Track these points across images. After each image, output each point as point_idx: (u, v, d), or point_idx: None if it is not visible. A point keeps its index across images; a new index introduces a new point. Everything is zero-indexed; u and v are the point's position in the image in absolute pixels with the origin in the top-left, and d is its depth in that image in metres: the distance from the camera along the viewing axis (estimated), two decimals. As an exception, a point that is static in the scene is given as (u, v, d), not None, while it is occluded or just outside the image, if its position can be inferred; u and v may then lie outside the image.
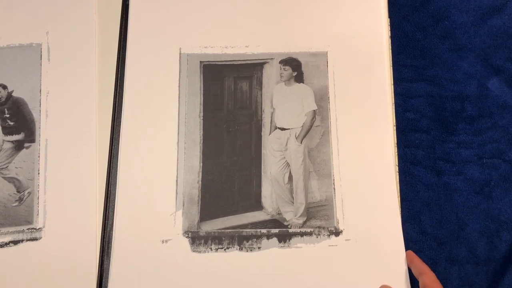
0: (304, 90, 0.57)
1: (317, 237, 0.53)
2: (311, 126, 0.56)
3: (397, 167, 0.56)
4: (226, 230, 0.54)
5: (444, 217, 0.56)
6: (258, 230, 0.54)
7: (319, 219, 0.54)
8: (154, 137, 0.56)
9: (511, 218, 0.56)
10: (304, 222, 0.54)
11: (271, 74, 0.58)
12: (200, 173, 0.55)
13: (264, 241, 0.53)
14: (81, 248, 0.53)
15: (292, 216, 0.55)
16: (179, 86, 0.57)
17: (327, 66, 0.58)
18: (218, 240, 0.53)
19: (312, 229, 0.54)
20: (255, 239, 0.53)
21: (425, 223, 0.56)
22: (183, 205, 0.54)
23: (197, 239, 0.53)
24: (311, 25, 0.59)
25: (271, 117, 0.57)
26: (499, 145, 0.58)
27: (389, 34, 0.60)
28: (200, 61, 0.58)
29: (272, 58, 0.58)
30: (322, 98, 0.57)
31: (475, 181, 0.57)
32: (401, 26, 0.63)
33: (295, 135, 0.56)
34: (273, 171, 0.56)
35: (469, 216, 0.56)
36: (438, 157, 0.58)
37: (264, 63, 0.58)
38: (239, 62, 0.58)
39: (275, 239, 0.54)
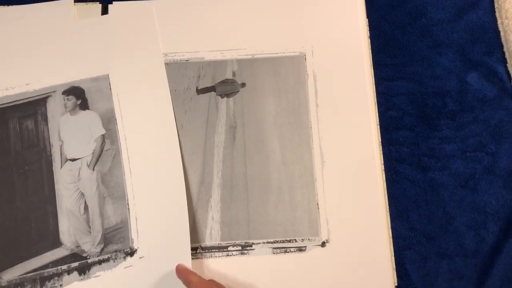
0: (90, 117, 0.57)
1: (114, 262, 0.53)
2: (101, 151, 0.56)
3: (383, 166, 0.57)
4: (27, 275, 0.52)
5: (432, 212, 0.57)
6: (59, 267, 0.53)
7: (115, 243, 0.54)
8: None
9: (496, 209, 0.57)
10: (102, 249, 0.54)
11: (55, 107, 0.57)
12: None
13: (65, 277, 0.53)
14: None
15: (90, 246, 0.54)
16: None
17: (110, 88, 0.57)
18: (21, 286, 0.52)
19: (109, 255, 0.53)
20: (56, 278, 0.53)
21: (413, 219, 0.57)
22: None
23: None
24: (91, 47, 0.59)
25: (61, 150, 0.56)
26: (481, 138, 0.59)
27: (368, 34, 0.61)
28: None
29: (54, 91, 0.57)
30: (109, 121, 0.57)
31: (460, 175, 0.58)
32: (379, 25, 0.63)
33: (87, 163, 0.56)
34: (68, 205, 0.55)
35: (456, 210, 0.57)
36: (423, 153, 0.59)
37: (47, 97, 0.57)
38: (21, 102, 0.57)
39: (75, 273, 0.53)
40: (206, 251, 0.54)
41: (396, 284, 0.54)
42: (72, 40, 0.59)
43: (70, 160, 0.56)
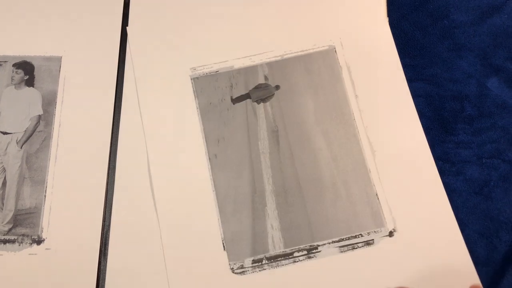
0: (32, 95, 0.57)
1: (19, 245, 0.52)
2: (33, 131, 0.56)
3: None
4: None
5: (444, 218, 0.56)
6: None
7: (24, 227, 0.53)
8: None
9: (510, 218, 0.56)
10: (10, 229, 0.53)
11: (3, 77, 0.58)
12: None
13: None
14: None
15: None
16: None
17: (60, 71, 0.58)
18: None
19: (16, 237, 0.52)
20: None
21: (424, 223, 0.56)
22: None
23: None
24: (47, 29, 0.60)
25: None
26: (498, 145, 0.58)
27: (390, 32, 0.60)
28: None
29: (5, 61, 0.58)
30: (49, 103, 0.57)
31: (475, 181, 0.57)
32: (400, 25, 0.62)
33: (17, 140, 0.55)
34: None
35: (469, 216, 0.56)
36: (437, 157, 0.57)
37: None
38: None
39: None
40: (272, 261, 0.52)
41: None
42: (35, 16, 0.60)
43: (2, 132, 0.56)
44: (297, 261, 0.52)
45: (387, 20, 0.60)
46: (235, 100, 0.57)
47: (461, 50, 0.61)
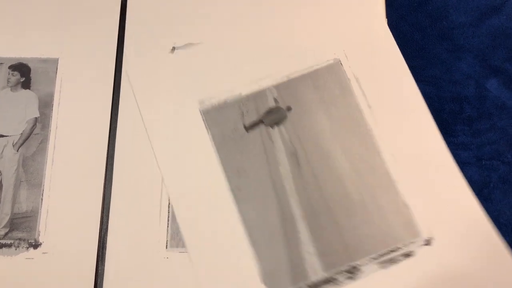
0: (29, 97, 0.56)
1: (16, 249, 0.52)
2: (30, 133, 0.55)
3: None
4: None
5: (443, 220, 0.56)
6: None
7: (21, 231, 0.52)
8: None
9: (510, 220, 0.55)
10: (6, 233, 0.52)
11: None
12: None
13: None
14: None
15: None
16: None
17: (56, 73, 0.57)
18: None
19: (12, 241, 0.52)
20: None
21: (424, 225, 0.55)
22: None
23: None
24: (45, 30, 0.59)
25: None
26: (498, 147, 0.58)
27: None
28: None
29: (1, 63, 0.58)
30: (46, 105, 0.56)
31: (474, 183, 0.57)
32: (398, 26, 0.62)
33: (13, 143, 0.55)
34: None
35: (468, 218, 0.56)
36: (437, 158, 0.58)
37: None
38: None
39: None
40: (314, 287, 0.50)
41: None
42: (31, 18, 0.59)
43: None
44: (340, 284, 0.50)
45: (386, 21, 0.60)
46: (248, 128, 0.56)
47: (460, 51, 0.61)
